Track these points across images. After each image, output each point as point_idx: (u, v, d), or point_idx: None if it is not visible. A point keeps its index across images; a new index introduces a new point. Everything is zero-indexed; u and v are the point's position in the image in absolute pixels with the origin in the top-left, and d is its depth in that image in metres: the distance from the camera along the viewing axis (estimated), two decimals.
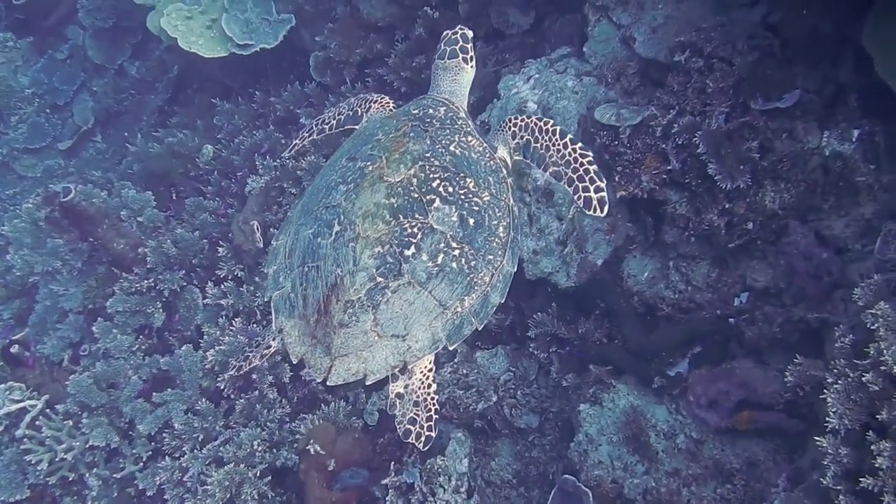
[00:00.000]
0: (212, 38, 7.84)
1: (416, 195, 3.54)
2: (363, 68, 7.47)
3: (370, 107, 4.46)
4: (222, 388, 5.92)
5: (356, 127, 4.44)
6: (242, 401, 6.00)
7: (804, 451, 4.72)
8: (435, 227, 3.50)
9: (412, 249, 3.45)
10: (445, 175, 3.62)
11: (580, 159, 3.80)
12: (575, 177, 3.79)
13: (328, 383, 3.49)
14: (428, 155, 3.66)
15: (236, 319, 6.38)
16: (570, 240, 5.42)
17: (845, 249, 4.83)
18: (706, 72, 5.09)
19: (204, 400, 6.02)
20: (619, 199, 5.21)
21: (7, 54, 10.65)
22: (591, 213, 3.76)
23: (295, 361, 3.62)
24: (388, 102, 4.47)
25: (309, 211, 3.80)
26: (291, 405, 6.11)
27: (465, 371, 5.90)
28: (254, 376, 5.99)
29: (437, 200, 3.55)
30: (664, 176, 5.10)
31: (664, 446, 5.13)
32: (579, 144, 3.83)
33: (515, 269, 3.74)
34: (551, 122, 3.94)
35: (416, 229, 3.48)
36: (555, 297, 5.77)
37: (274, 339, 3.84)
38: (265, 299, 3.87)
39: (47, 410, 6.23)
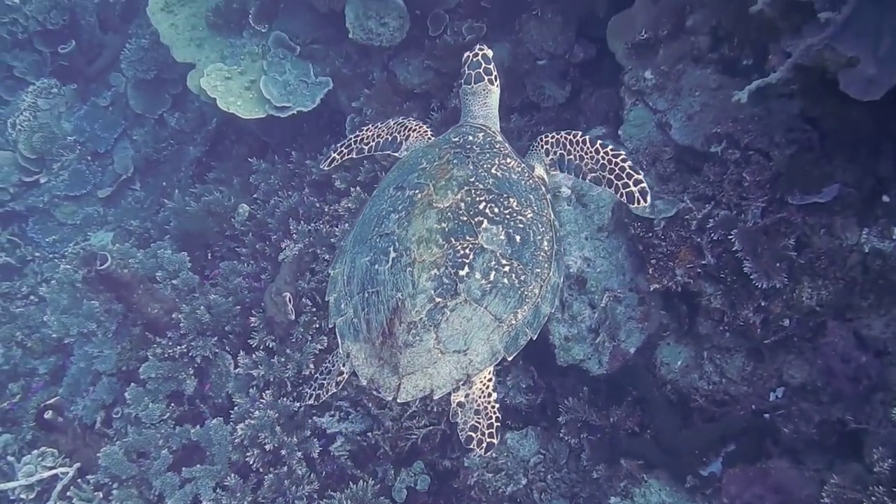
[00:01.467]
0: (250, 100, 7.90)
1: (464, 218, 3.72)
2: None
3: (409, 135, 4.66)
4: (253, 464, 5.93)
5: (392, 153, 4.69)
6: (271, 475, 6.00)
7: None
8: (485, 246, 3.67)
9: (466, 269, 3.62)
10: (490, 197, 3.80)
11: (614, 160, 4.02)
12: (612, 177, 4.00)
13: (399, 400, 3.65)
14: (472, 179, 3.85)
15: (267, 392, 6.38)
16: (603, 328, 5.36)
17: (885, 352, 4.72)
18: (743, 163, 5.03)
19: (233, 475, 6.02)
20: (653, 290, 5.15)
21: (51, 101, 10.82)
22: (636, 205, 3.97)
23: (364, 383, 3.75)
24: (426, 131, 4.67)
25: (363, 240, 3.96)
26: (320, 480, 6.10)
27: (494, 454, 5.85)
28: (283, 451, 6.01)
29: (485, 221, 3.72)
30: (699, 270, 5.03)
31: None
32: (610, 147, 4.06)
33: (562, 280, 3.96)
34: (578, 132, 4.20)
35: (467, 250, 3.65)
36: (586, 379, 5.70)
37: (344, 365, 3.95)
38: (329, 326, 4.01)
39: (78, 480, 6.27)
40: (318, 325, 6.57)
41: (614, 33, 5.89)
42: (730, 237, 4.82)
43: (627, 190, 3.95)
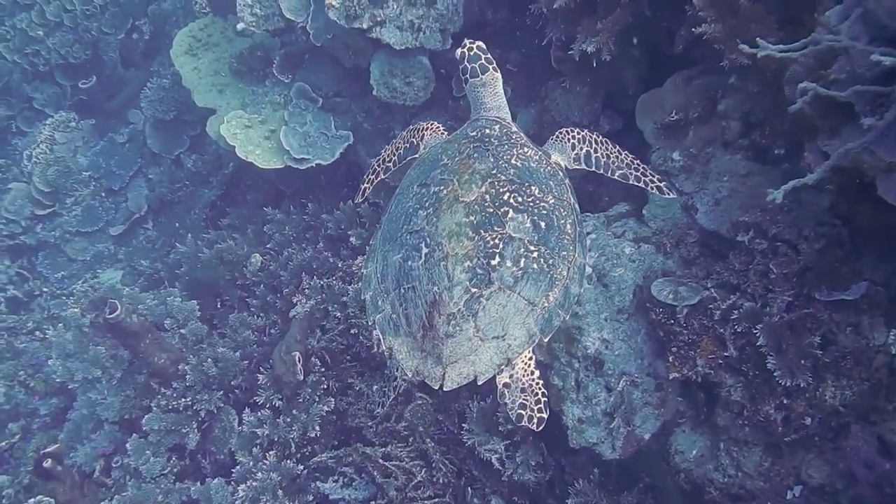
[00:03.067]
0: (269, 149, 7.86)
1: (491, 209, 3.92)
2: None
3: (423, 135, 4.87)
4: None
5: (416, 156, 4.83)
6: None
7: None
8: (513, 235, 3.87)
9: (497, 259, 3.81)
10: (513, 187, 4.01)
11: (634, 163, 4.75)
12: (639, 173, 4.69)
13: (445, 388, 3.79)
14: (494, 171, 4.06)
15: (270, 452, 6.26)
16: (618, 413, 5.24)
17: None
18: (770, 254, 4.94)
19: None
20: (672, 379, 5.04)
21: (68, 135, 10.84)
22: (665, 195, 4.72)
23: (410, 375, 3.91)
24: (438, 127, 4.90)
25: (392, 238, 4.13)
26: None
27: None
28: None
29: (511, 211, 3.93)
30: (720, 361, 4.92)
31: None
32: (628, 152, 4.77)
33: (587, 260, 4.26)
34: (598, 134, 4.74)
35: (497, 240, 3.85)
36: (598, 461, 5.57)
37: (398, 371, 4.10)
38: (369, 323, 4.14)
39: None
40: (325, 386, 6.47)
41: (643, 111, 5.85)
42: (754, 331, 4.71)
43: (655, 185, 4.63)
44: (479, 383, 3.83)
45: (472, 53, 4.63)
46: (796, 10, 4.75)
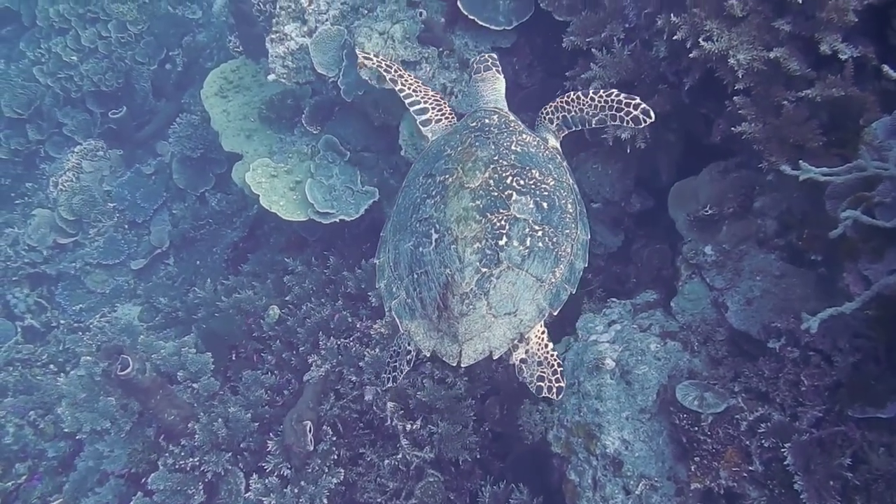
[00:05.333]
0: (294, 201, 7.74)
1: (495, 193, 4.11)
2: None
3: (441, 119, 5.12)
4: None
5: (419, 120, 5.14)
6: None
7: None
8: (517, 216, 4.05)
9: (504, 239, 3.99)
10: (514, 171, 4.21)
11: (608, 98, 4.58)
12: (613, 111, 4.56)
13: (462, 364, 3.95)
14: (496, 158, 4.25)
15: None
16: None
17: None
18: (801, 364, 4.75)
19: None
20: (693, 490, 4.84)
21: (95, 163, 10.83)
22: (643, 125, 4.52)
23: (428, 354, 4.08)
24: (451, 116, 5.15)
25: (402, 227, 4.32)
26: None
27: None
28: None
29: (514, 194, 4.11)
30: (745, 474, 4.72)
31: None
32: (601, 90, 4.61)
33: (589, 237, 4.38)
34: (570, 92, 4.72)
35: (503, 222, 4.02)
36: None
37: (409, 344, 4.27)
38: (386, 309, 4.32)
39: None
40: (336, 456, 6.33)
41: (677, 201, 5.68)
42: (782, 449, 4.52)
43: (630, 116, 4.52)
44: (495, 357, 4.01)
45: (482, 59, 5.11)
46: (841, 116, 4.57)
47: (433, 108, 5.12)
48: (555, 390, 4.17)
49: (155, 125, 11.25)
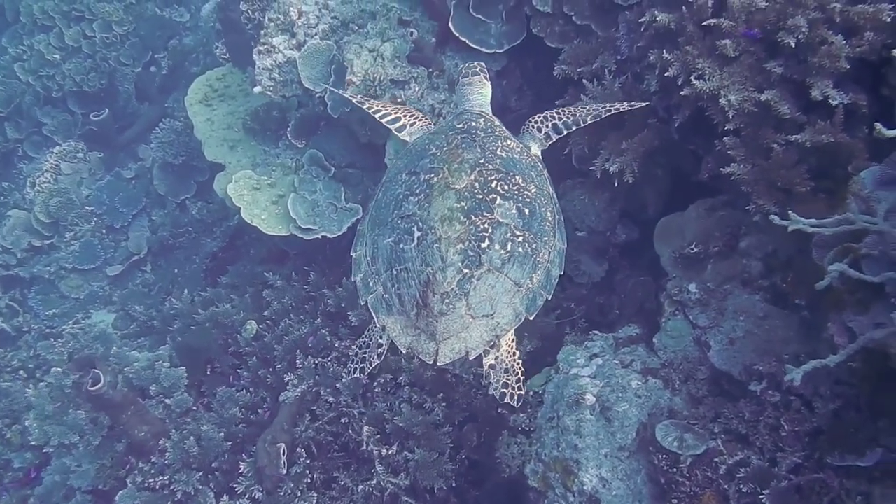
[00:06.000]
0: (276, 215, 7.62)
1: (480, 196, 4.20)
2: None
3: (416, 121, 5.25)
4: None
5: (394, 129, 5.25)
6: None
7: None
8: (501, 220, 4.15)
9: (487, 242, 4.08)
10: (499, 176, 4.31)
11: (598, 107, 5.08)
12: (604, 109, 5.04)
13: (438, 363, 4.05)
14: (482, 161, 4.35)
15: None
16: None
17: None
18: (782, 409, 4.73)
19: None
20: None
21: (75, 165, 10.66)
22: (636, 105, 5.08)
23: (404, 352, 4.17)
24: (428, 120, 5.32)
25: (382, 223, 4.37)
26: None
27: None
28: None
29: (498, 198, 4.21)
30: None
31: None
32: (578, 104, 5.36)
33: (566, 245, 4.51)
34: (556, 109, 5.09)
35: (486, 225, 4.12)
36: None
37: (382, 338, 4.36)
38: (361, 303, 4.41)
39: None
40: (309, 479, 6.23)
41: (663, 236, 5.64)
42: (761, 495, 4.48)
43: (622, 108, 5.06)
44: (471, 358, 4.11)
45: (470, 65, 5.32)
46: (829, 162, 4.56)
47: (405, 116, 5.24)
48: (516, 397, 4.23)
49: (137, 128, 11.08)
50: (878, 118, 3.91)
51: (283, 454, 6.13)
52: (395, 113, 5.27)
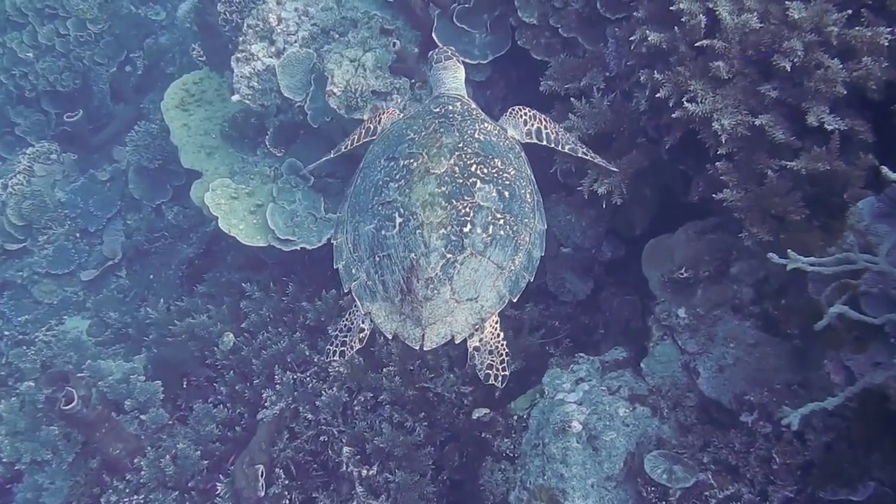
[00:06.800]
0: (254, 225, 7.44)
1: (461, 180, 4.24)
2: None
3: (381, 118, 5.18)
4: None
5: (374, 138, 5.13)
6: None
7: None
8: (481, 204, 4.19)
9: (469, 226, 4.13)
10: (478, 159, 4.34)
11: (570, 138, 5.12)
12: (585, 150, 5.10)
13: (425, 348, 4.12)
14: (461, 145, 4.37)
15: None
16: None
17: None
18: (774, 440, 4.64)
19: None
20: None
21: (48, 167, 10.41)
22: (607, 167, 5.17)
23: (389, 337, 4.24)
24: (394, 111, 5.31)
25: (362, 209, 4.39)
26: None
27: None
28: None
29: (478, 182, 4.25)
30: None
31: None
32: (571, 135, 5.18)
33: (545, 227, 4.55)
34: (545, 116, 5.08)
35: (468, 209, 4.16)
36: None
37: (364, 322, 4.36)
38: (345, 290, 4.42)
39: None
40: (287, 501, 6.07)
41: (651, 259, 5.53)
42: None
43: (599, 161, 5.10)
44: (457, 342, 4.14)
45: (441, 51, 5.28)
46: (825, 190, 4.45)
47: (371, 122, 5.24)
48: (500, 379, 4.23)
49: (112, 129, 10.87)
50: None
51: (262, 476, 5.98)
52: (364, 125, 5.28)
